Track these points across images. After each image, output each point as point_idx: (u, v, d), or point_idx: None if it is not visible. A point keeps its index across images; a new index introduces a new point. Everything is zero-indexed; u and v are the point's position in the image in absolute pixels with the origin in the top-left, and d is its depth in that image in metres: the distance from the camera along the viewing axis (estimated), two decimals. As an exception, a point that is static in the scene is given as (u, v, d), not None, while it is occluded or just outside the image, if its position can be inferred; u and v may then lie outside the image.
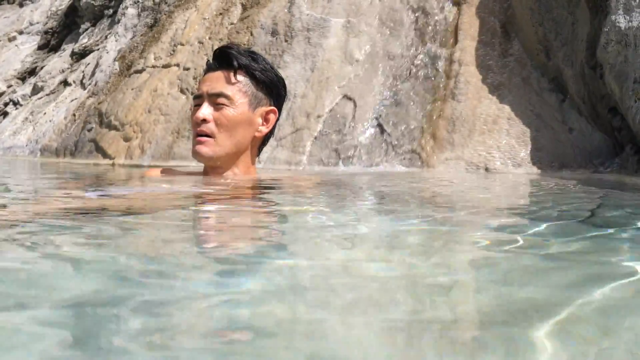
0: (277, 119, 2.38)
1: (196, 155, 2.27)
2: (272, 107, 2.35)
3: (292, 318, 0.70)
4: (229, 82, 2.25)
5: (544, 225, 1.42)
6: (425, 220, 1.57)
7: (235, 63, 2.25)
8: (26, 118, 8.28)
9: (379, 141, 4.34)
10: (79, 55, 8.39)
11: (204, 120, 2.22)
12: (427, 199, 2.28)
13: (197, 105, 2.27)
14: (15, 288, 0.81)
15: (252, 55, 2.34)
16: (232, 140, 2.25)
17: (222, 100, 2.23)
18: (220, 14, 6.04)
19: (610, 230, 1.37)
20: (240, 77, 2.26)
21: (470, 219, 1.63)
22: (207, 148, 2.23)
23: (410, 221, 1.53)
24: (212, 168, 2.31)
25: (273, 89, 2.35)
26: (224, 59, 2.28)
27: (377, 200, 2.22)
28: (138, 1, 7.50)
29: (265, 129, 2.34)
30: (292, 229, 1.43)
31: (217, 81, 2.25)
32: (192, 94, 5.34)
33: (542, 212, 1.87)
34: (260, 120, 2.31)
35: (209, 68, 2.31)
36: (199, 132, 2.23)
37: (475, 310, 0.76)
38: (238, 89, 2.25)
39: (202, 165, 2.39)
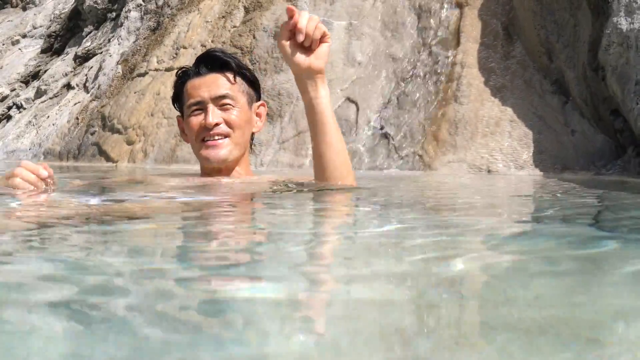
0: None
1: (210, 159, 2.24)
2: (262, 101, 2.41)
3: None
4: (230, 83, 2.27)
5: (546, 228, 1.42)
6: (425, 223, 1.58)
7: (233, 64, 2.28)
8: (29, 122, 8.30)
9: (381, 144, 4.34)
10: (82, 59, 8.41)
11: (216, 124, 2.22)
12: (428, 202, 2.28)
13: (198, 111, 2.25)
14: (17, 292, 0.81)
15: (233, 55, 2.41)
16: (244, 138, 2.29)
17: (227, 101, 2.24)
18: (223, 17, 6.05)
19: (613, 233, 1.37)
20: (237, 78, 2.29)
21: (472, 222, 1.63)
22: (224, 149, 2.24)
23: (411, 224, 1.53)
24: (220, 170, 2.29)
25: (257, 85, 2.41)
26: (214, 62, 2.29)
27: (379, 204, 2.22)
28: (141, 4, 7.51)
29: (261, 124, 2.40)
30: (292, 236, 1.43)
31: (215, 84, 2.26)
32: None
33: (545, 214, 1.87)
34: (255, 117, 2.35)
35: (196, 74, 2.29)
36: (213, 135, 2.23)
37: (478, 315, 0.77)
38: (238, 89, 2.28)
39: (199, 168, 2.39)
